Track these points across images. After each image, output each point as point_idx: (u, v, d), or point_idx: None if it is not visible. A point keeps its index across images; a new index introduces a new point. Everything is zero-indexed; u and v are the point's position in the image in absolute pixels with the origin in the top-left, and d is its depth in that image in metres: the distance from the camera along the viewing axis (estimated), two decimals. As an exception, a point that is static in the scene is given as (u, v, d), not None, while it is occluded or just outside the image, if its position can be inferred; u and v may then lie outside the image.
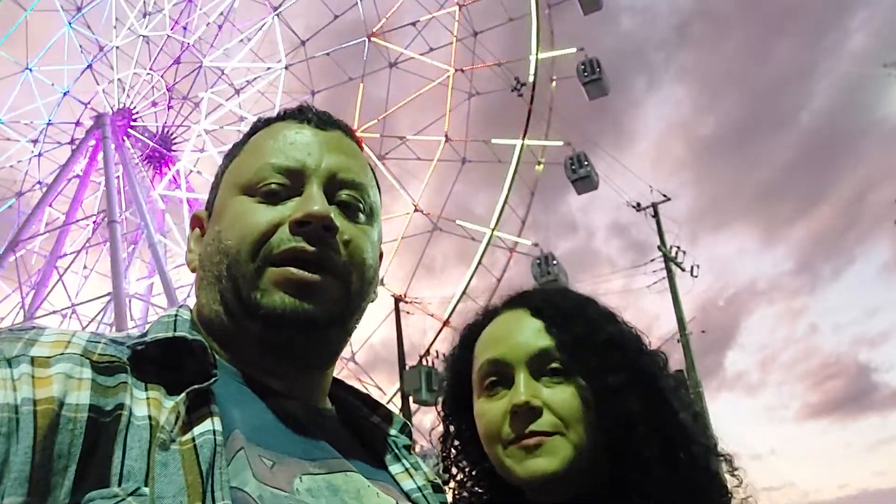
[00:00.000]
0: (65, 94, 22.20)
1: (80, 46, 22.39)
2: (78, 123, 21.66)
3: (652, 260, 21.56)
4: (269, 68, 20.12)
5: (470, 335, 1.47)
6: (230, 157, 1.19)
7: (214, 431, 0.87)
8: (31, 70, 22.59)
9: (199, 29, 21.28)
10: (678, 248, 21.58)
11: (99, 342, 0.93)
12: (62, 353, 0.87)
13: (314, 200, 1.06)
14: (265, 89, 20.34)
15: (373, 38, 19.17)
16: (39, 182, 21.70)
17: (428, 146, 18.76)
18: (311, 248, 1.03)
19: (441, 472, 1.50)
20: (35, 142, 22.20)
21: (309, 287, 1.03)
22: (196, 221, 1.20)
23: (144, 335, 1.00)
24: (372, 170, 1.19)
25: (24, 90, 22.66)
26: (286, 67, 20.25)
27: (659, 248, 21.50)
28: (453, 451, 1.49)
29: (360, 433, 1.18)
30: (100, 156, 20.18)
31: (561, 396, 1.29)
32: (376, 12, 19.95)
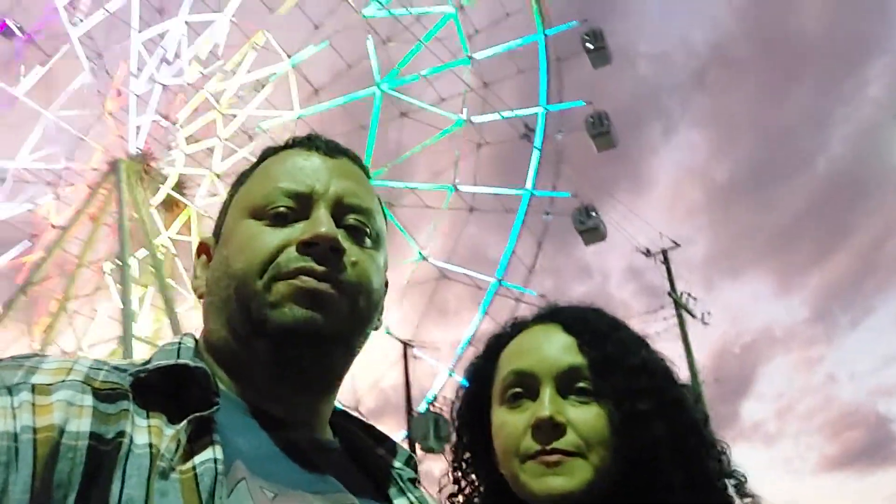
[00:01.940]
0: (82, 139, 22.62)
1: (99, 92, 22.89)
2: (94, 168, 22.01)
3: (662, 307, 21.44)
4: (282, 116, 20.44)
5: (496, 345, 1.43)
6: (238, 183, 1.20)
7: (216, 460, 0.85)
8: (50, 115, 23.08)
9: (215, 77, 21.73)
10: (689, 294, 21.46)
11: (101, 369, 0.92)
12: (63, 381, 0.86)
13: (322, 222, 1.06)
14: (278, 137, 20.63)
15: (384, 89, 19.51)
16: (53, 225, 21.97)
17: (437, 195, 18.94)
18: (319, 268, 1.04)
19: (450, 482, 1.45)
20: (51, 185, 22.55)
21: (319, 297, 1.03)
22: (203, 248, 1.20)
23: (148, 362, 0.99)
24: (379, 198, 1.20)
25: (43, 134, 23.11)
26: (299, 116, 20.61)
27: (669, 294, 21.39)
28: (464, 462, 1.44)
29: (365, 465, 1.15)
30: (113, 199, 20.53)
31: (586, 417, 1.24)
32: (389, 63, 20.38)
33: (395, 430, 19.10)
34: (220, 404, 0.93)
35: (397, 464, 1.18)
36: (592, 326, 1.35)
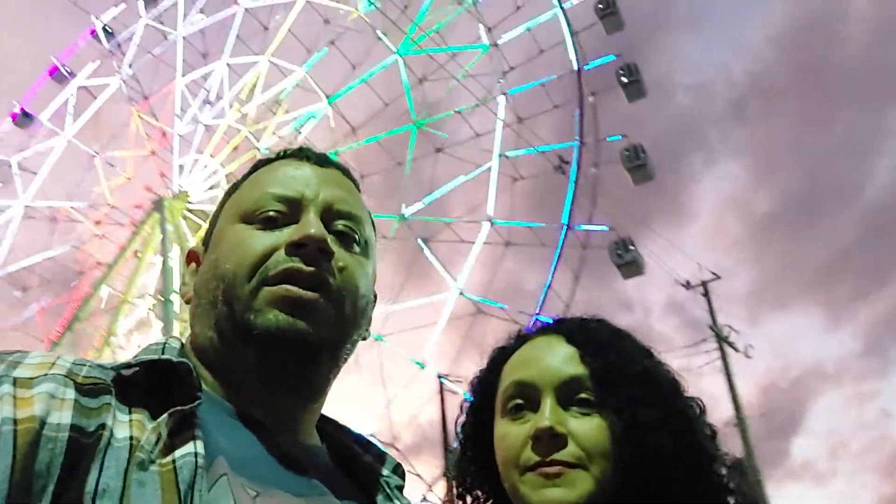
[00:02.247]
0: (128, 178, 23.29)
1: (146, 133, 23.60)
2: (138, 206, 22.60)
3: (704, 340, 21.03)
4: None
5: (499, 357, 1.41)
6: (230, 192, 1.21)
7: (196, 454, 0.85)
8: (98, 155, 23.83)
9: (255, 116, 22.25)
10: (731, 327, 21.02)
11: (84, 365, 0.92)
12: (46, 374, 0.87)
13: (311, 224, 1.07)
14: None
15: (419, 125, 19.75)
16: (99, 262, 22.54)
17: (473, 229, 19.00)
18: (308, 269, 1.04)
19: (455, 497, 1.43)
20: (98, 223, 23.19)
21: (304, 305, 1.03)
22: (192, 256, 1.21)
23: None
24: (368, 210, 1.21)
25: (91, 174, 23.87)
26: (337, 153, 20.96)
27: (710, 327, 20.99)
28: (469, 477, 1.42)
29: (352, 472, 1.15)
30: (157, 237, 21.02)
31: (587, 428, 1.22)
32: (424, 100, 20.66)
33: (433, 466, 18.96)
34: (202, 400, 0.93)
35: (385, 471, 1.18)
36: (595, 337, 1.33)
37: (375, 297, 1.21)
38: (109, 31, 25.59)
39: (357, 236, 1.15)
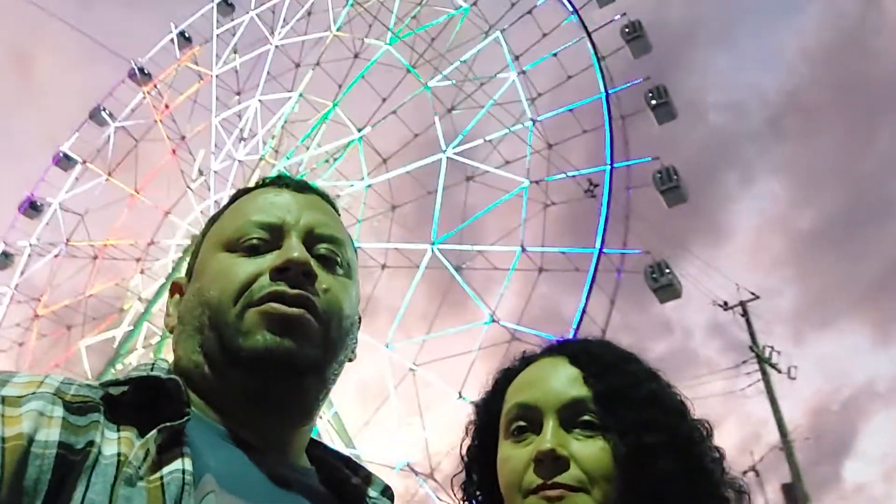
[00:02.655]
0: (166, 214, 23.79)
1: (182, 171, 24.14)
2: (178, 243, 23.02)
3: (744, 361, 20.61)
4: (352, 185, 21.03)
5: (503, 379, 1.41)
6: (210, 222, 1.23)
7: (184, 471, 0.86)
8: (137, 194, 24.42)
9: (289, 151, 22.63)
10: (772, 348, 20.57)
11: (73, 384, 0.93)
12: (34, 393, 0.87)
13: (293, 249, 1.09)
14: (349, 205, 21.19)
15: (449, 155, 19.88)
16: (140, 298, 22.95)
17: (506, 256, 18.97)
18: (292, 291, 1.05)
19: None
20: (138, 260, 23.68)
21: (290, 322, 1.04)
22: (175, 288, 1.22)
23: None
24: (349, 235, 1.23)
25: (131, 212, 24.45)
26: (368, 185, 21.16)
27: (751, 348, 20.57)
28: (473, 500, 1.40)
29: (341, 494, 1.15)
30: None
31: (590, 451, 1.21)
32: (454, 129, 20.82)
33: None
34: (191, 417, 0.94)
35: (373, 493, 1.18)
36: (600, 358, 1.32)
37: (360, 319, 1.22)
38: (147, 73, 26.37)
39: (339, 259, 1.16)
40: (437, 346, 19.22)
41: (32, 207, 24.75)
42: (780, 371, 20.34)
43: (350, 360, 1.18)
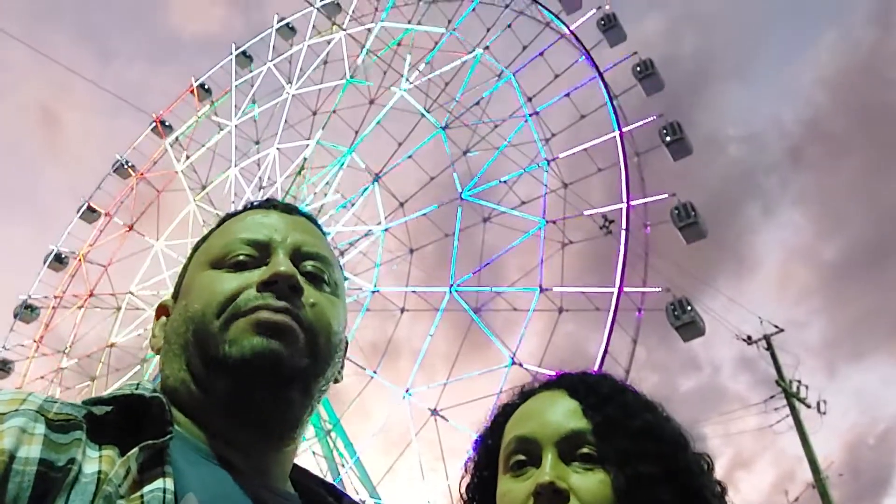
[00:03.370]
0: (187, 264, 24.04)
1: (203, 221, 24.46)
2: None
3: (772, 396, 20.22)
4: (370, 230, 21.17)
5: (503, 414, 1.40)
6: (198, 244, 1.22)
7: (165, 490, 0.85)
8: (158, 245, 24.75)
9: (307, 198, 22.88)
10: (799, 381, 20.16)
11: (56, 402, 0.93)
12: (17, 410, 0.87)
13: (281, 263, 1.09)
14: (367, 250, 21.31)
15: (466, 197, 19.98)
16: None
17: (525, 296, 18.89)
18: (278, 303, 1.05)
19: None
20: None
21: (278, 327, 1.03)
22: (161, 310, 1.21)
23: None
24: (336, 257, 1.23)
25: (152, 263, 24.76)
26: (386, 229, 21.28)
27: (777, 382, 20.18)
28: None
29: None
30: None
31: (589, 484, 1.19)
32: (469, 171, 20.97)
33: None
34: (173, 436, 0.93)
35: None
36: (597, 390, 1.32)
37: (347, 343, 1.22)
38: (168, 125, 26.97)
39: (326, 276, 1.17)
40: (459, 389, 19.09)
41: (57, 260, 25.17)
42: (808, 406, 19.91)
43: (336, 382, 1.18)
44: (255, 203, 1.26)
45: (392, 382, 18.44)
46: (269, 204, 1.25)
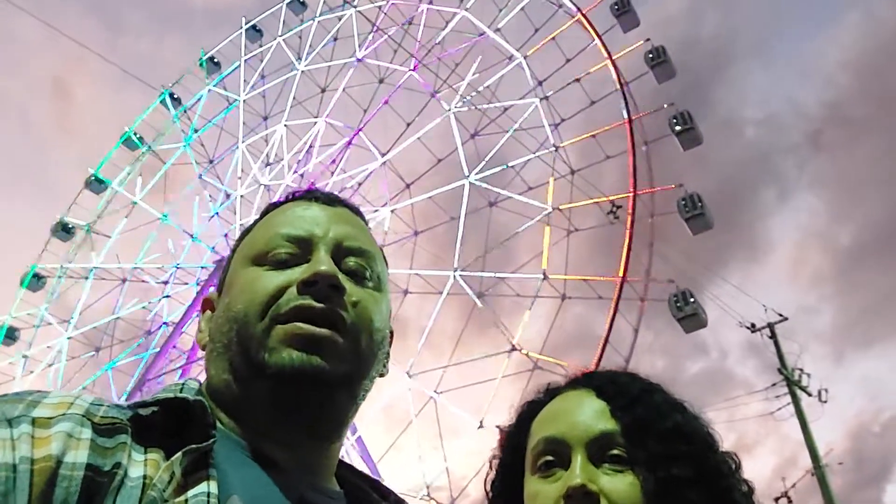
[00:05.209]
0: (192, 238, 24.11)
1: (210, 196, 24.49)
2: (203, 267, 23.31)
3: (774, 384, 20.27)
4: (375, 211, 21.14)
5: (528, 412, 1.39)
6: (242, 237, 1.22)
7: (209, 494, 0.86)
8: (165, 218, 24.80)
9: (314, 176, 22.84)
10: (801, 370, 20.20)
11: (102, 405, 0.93)
12: (64, 414, 0.88)
13: (321, 262, 1.08)
14: (372, 230, 21.28)
15: (472, 181, 19.90)
16: (165, 322, 23.24)
17: (527, 284, 18.87)
18: (319, 305, 1.04)
19: None
20: (165, 283, 24.00)
21: (317, 341, 1.02)
22: (207, 304, 1.22)
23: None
24: (379, 248, 1.21)
25: (158, 236, 24.84)
26: (392, 210, 21.25)
27: (779, 370, 20.22)
28: None
29: None
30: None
31: (620, 486, 1.19)
32: (477, 154, 20.86)
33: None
34: (217, 438, 0.93)
35: None
36: (626, 390, 1.30)
37: (392, 333, 1.20)
38: (177, 98, 26.89)
39: (369, 272, 1.15)
40: (462, 371, 19.17)
41: (64, 230, 25.25)
42: (809, 394, 19.94)
43: (382, 376, 1.16)
44: (296, 194, 1.24)
45: (398, 361, 18.50)
46: (311, 195, 1.22)
